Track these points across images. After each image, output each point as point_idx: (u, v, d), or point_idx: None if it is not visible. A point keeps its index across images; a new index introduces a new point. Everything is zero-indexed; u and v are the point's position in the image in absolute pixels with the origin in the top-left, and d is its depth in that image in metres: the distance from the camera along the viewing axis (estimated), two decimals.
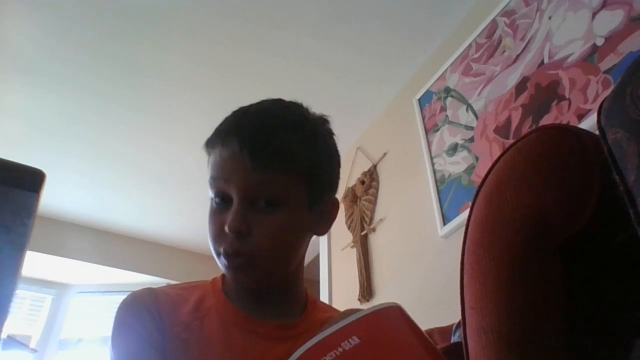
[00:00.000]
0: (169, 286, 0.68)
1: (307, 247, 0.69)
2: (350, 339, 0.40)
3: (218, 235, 0.61)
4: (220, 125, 0.66)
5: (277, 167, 0.60)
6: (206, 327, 0.60)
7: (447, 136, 1.73)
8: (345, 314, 0.64)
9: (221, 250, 0.60)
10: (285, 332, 0.63)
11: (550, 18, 1.41)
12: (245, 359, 0.58)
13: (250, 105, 0.67)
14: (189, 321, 0.60)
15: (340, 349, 0.39)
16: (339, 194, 2.50)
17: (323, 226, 0.69)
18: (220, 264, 0.62)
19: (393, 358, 0.42)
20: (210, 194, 0.63)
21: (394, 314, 0.44)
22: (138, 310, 0.60)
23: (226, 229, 0.59)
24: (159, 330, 0.58)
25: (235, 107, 0.67)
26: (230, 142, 0.61)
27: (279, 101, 0.68)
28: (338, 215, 2.22)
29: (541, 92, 1.37)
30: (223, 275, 0.69)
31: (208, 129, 0.67)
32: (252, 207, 0.59)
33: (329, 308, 0.74)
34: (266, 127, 0.62)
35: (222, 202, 0.61)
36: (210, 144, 0.65)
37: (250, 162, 0.59)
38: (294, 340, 0.61)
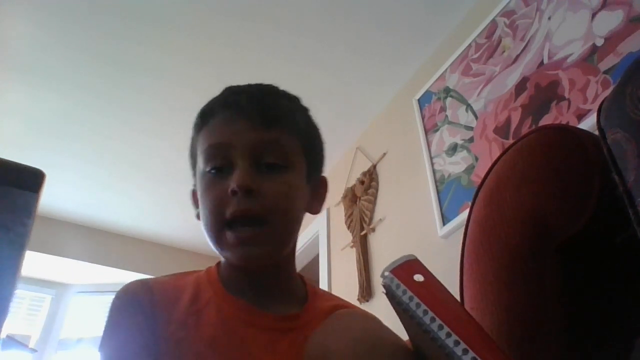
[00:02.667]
0: (163, 277, 0.64)
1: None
2: (416, 275, 0.41)
3: (221, 201, 0.57)
4: (214, 97, 0.66)
5: (284, 126, 0.61)
6: (204, 323, 0.56)
7: (446, 136, 1.73)
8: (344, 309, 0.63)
9: (227, 214, 0.56)
10: (288, 323, 0.59)
11: (549, 18, 1.41)
12: (248, 354, 0.55)
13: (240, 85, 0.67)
14: (185, 318, 0.56)
15: (413, 281, 0.40)
16: (339, 194, 2.49)
17: (316, 204, 0.68)
18: (221, 243, 0.58)
19: (452, 297, 0.42)
20: (202, 167, 0.60)
21: (421, 264, 0.45)
22: (131, 309, 0.56)
23: (233, 187, 0.55)
24: (152, 331, 0.54)
25: None
26: (235, 103, 0.61)
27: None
28: (337, 215, 2.22)
29: (541, 92, 1.37)
30: (218, 264, 0.66)
31: None
32: (256, 168, 0.58)
33: (330, 296, 0.71)
34: (269, 93, 0.65)
35: (218, 172, 0.59)
36: (207, 112, 0.63)
37: (259, 119, 0.59)
38: (299, 331, 0.58)
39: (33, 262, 3.03)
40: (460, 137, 1.65)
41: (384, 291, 0.42)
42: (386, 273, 0.42)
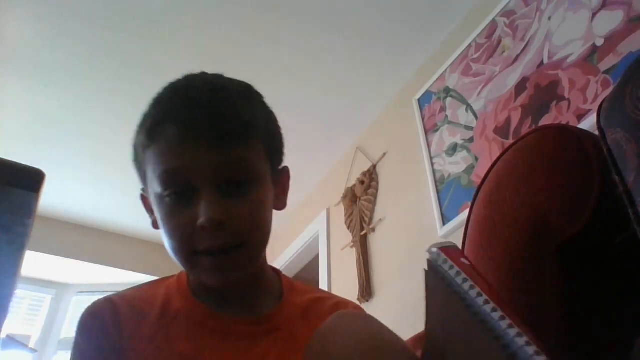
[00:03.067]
0: (133, 289, 0.61)
1: None
2: (462, 258, 0.40)
3: (188, 232, 0.52)
4: (159, 105, 0.57)
5: (246, 136, 0.54)
6: (173, 336, 0.54)
7: (446, 136, 1.73)
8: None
9: (199, 247, 0.52)
10: (263, 326, 0.57)
11: (549, 18, 1.41)
12: None
13: (184, 80, 0.59)
14: (154, 333, 0.54)
15: (461, 262, 0.39)
16: (339, 194, 2.48)
17: (282, 199, 0.63)
18: (195, 267, 0.55)
19: (491, 286, 0.42)
20: (158, 190, 0.54)
21: (463, 253, 0.44)
22: (93, 333, 0.54)
23: (202, 222, 0.50)
24: (119, 351, 0.52)
25: None
26: (186, 120, 0.52)
27: (207, 74, 0.61)
28: (337, 215, 2.22)
29: (541, 92, 1.37)
30: None
31: None
32: (223, 191, 0.52)
33: (308, 289, 0.67)
34: (223, 98, 0.55)
35: (178, 197, 0.53)
36: (155, 127, 0.54)
37: (219, 137, 0.52)
38: (276, 333, 0.57)
39: (33, 262, 3.03)
40: (460, 137, 1.65)
41: (429, 265, 0.41)
42: (434, 249, 0.41)
